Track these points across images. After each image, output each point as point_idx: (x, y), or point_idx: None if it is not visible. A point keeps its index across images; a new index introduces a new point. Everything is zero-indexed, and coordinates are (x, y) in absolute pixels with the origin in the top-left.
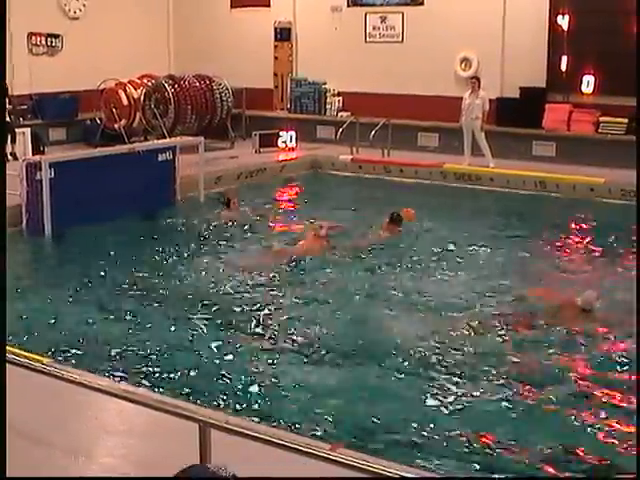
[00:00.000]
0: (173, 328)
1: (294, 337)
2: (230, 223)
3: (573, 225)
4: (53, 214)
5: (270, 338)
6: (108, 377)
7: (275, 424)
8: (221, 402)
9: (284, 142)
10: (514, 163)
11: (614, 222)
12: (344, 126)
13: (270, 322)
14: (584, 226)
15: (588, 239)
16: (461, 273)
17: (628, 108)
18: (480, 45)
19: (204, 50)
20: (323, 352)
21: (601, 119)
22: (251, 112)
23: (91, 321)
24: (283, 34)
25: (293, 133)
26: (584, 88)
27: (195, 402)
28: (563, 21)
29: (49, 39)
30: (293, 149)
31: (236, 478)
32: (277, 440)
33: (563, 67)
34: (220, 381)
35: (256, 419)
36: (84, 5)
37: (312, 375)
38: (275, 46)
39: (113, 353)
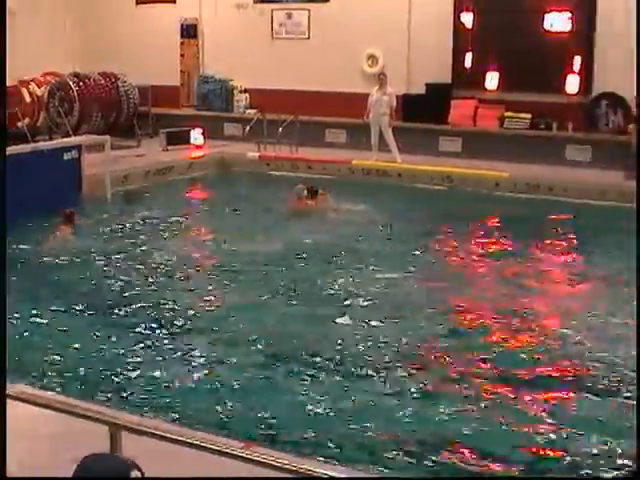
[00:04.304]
0: (79, 329)
1: (210, 330)
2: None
3: (479, 219)
4: None
5: (184, 333)
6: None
7: (190, 424)
8: (133, 403)
9: (192, 140)
10: (421, 158)
11: (520, 215)
12: (251, 123)
13: (187, 317)
14: (489, 220)
15: (492, 232)
16: (368, 267)
17: (531, 103)
18: (386, 42)
19: (110, 47)
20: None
21: (505, 114)
22: (158, 110)
23: None
24: (189, 31)
25: (201, 131)
26: (488, 84)
27: (105, 404)
28: (467, 19)
29: None
30: (201, 147)
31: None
32: (190, 440)
33: (468, 64)
34: (131, 381)
35: (168, 419)
36: None
37: (230, 371)
38: (181, 43)
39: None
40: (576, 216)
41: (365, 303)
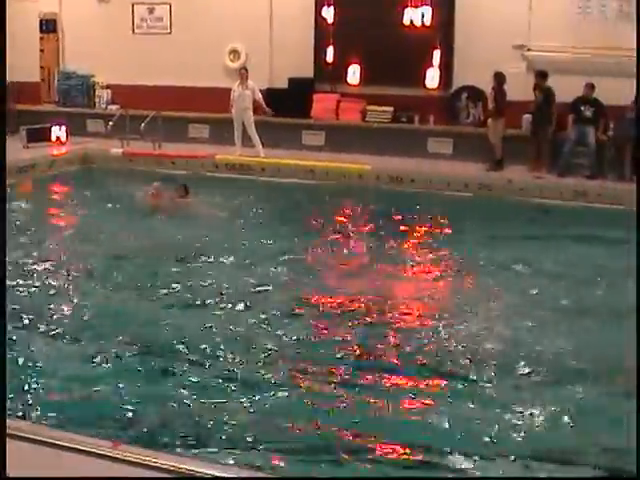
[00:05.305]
0: None
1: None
2: None
3: (342, 212)
4: None
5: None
6: None
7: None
8: None
9: (54, 137)
10: (285, 153)
11: (383, 207)
12: (114, 119)
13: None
14: (353, 212)
15: (356, 224)
16: (229, 262)
17: (393, 97)
18: (248, 36)
19: None
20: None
21: (367, 108)
22: (18, 107)
23: None
24: (49, 25)
25: (63, 127)
26: (350, 78)
27: None
28: (328, 13)
29: None
30: (63, 143)
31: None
32: (55, 441)
33: (330, 58)
34: None
35: (31, 420)
36: None
37: (92, 367)
38: (41, 38)
39: None
40: (438, 207)
41: (224, 298)
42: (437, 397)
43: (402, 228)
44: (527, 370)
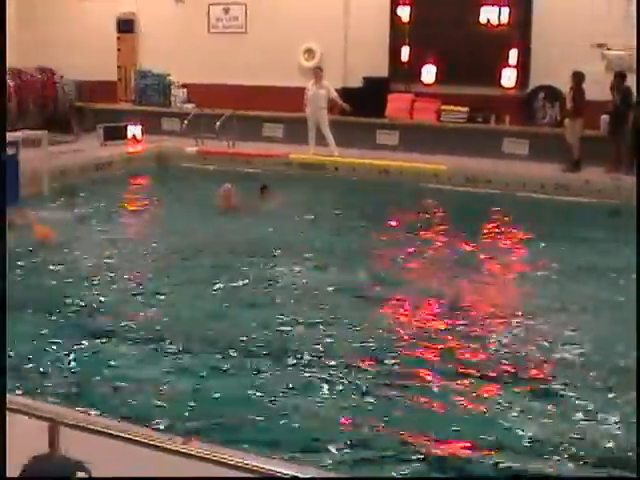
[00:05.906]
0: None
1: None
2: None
3: (417, 212)
4: None
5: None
6: None
7: (128, 420)
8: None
9: (130, 135)
10: (358, 152)
11: (458, 208)
12: (189, 117)
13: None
14: (427, 213)
15: (430, 226)
16: (302, 260)
17: (468, 97)
18: (323, 36)
19: (47, 42)
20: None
21: (442, 108)
22: (96, 105)
23: None
24: (126, 26)
25: (139, 126)
26: (425, 77)
27: (42, 400)
28: (403, 12)
29: None
30: (139, 142)
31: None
32: (129, 436)
33: (404, 57)
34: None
35: (107, 414)
36: None
37: (166, 364)
38: (118, 38)
39: None
40: (514, 209)
41: (298, 295)
42: None
43: (480, 229)
44: None
